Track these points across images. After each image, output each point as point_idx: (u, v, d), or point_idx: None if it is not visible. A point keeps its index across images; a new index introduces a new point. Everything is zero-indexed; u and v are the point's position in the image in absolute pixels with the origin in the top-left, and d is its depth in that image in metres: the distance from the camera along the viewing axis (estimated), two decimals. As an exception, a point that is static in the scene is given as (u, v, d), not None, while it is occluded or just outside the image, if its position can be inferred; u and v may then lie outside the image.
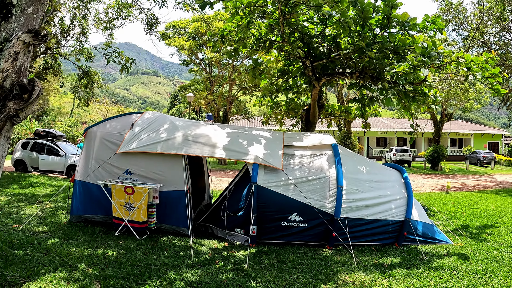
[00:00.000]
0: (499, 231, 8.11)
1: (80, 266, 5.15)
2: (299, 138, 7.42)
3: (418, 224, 6.97)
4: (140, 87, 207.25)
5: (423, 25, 7.83)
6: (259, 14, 7.50)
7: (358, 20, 7.19)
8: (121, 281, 4.66)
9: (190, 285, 4.55)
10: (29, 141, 16.72)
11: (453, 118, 34.30)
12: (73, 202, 7.70)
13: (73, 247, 5.98)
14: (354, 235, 6.49)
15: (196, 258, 5.59)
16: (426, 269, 5.46)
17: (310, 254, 6.00)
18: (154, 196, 6.91)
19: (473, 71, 6.97)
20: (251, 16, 6.85)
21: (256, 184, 6.39)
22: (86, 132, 7.89)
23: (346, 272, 5.22)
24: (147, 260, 5.45)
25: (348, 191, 6.62)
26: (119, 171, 7.35)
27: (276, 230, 6.49)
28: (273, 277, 4.88)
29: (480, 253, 6.39)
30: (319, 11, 7.00)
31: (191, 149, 6.91)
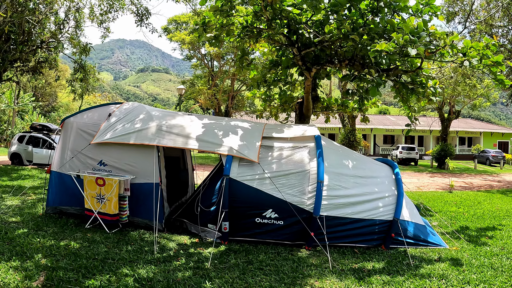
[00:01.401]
0: (501, 234, 7.45)
1: (36, 256, 4.97)
2: (280, 129, 7.00)
3: (409, 225, 6.39)
4: (150, 84, 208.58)
5: (416, 7, 7.35)
6: None
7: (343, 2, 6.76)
8: (69, 273, 4.41)
9: (139, 281, 4.20)
10: (25, 134, 16.76)
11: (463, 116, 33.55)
12: (49, 193, 7.49)
13: (38, 238, 5.79)
14: (336, 235, 6.00)
15: (159, 254, 5.24)
16: (411, 276, 4.88)
17: (283, 255, 5.53)
18: (125, 188, 6.61)
19: (469, 56, 6.43)
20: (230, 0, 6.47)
21: (228, 177, 5.96)
22: (63, 122, 7.66)
23: (318, 276, 4.72)
24: (107, 254, 5.15)
25: (330, 187, 6.08)
26: (93, 162, 7.09)
27: (250, 227, 6.03)
28: (234, 278, 4.46)
29: (477, 259, 5.77)
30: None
31: (164, 140, 6.59)
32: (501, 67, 7.50)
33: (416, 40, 5.51)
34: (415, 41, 5.49)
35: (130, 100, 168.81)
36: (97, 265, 4.72)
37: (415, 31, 5.89)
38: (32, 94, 37.15)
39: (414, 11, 7.57)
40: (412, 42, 5.48)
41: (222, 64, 26.26)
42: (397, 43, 5.51)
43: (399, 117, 48.51)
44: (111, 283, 4.21)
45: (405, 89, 8.81)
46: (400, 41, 5.46)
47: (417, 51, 5.41)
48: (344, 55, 8.04)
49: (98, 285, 4.14)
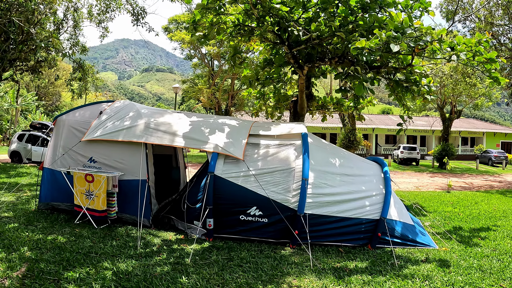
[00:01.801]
0: (495, 235, 7.34)
1: (22, 249, 5.08)
2: (268, 127, 7.02)
3: (397, 225, 6.31)
4: (155, 84, 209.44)
5: (405, 3, 7.31)
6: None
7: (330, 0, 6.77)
8: (51, 266, 4.50)
9: (117, 275, 4.26)
10: (25, 133, 17.00)
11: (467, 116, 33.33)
12: (41, 189, 7.60)
13: (27, 232, 5.90)
14: (321, 233, 5.96)
15: (142, 249, 5.29)
16: (393, 277, 4.79)
17: (266, 252, 5.51)
18: (113, 184, 6.68)
19: (457, 51, 6.37)
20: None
21: (213, 174, 5.99)
22: (56, 120, 7.77)
23: (297, 274, 4.69)
24: (91, 248, 5.22)
25: (315, 185, 6.05)
26: (84, 159, 7.18)
27: (235, 224, 6.03)
28: (211, 274, 4.47)
29: (465, 260, 5.63)
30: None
31: (152, 137, 6.65)
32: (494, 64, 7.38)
33: (400, 36, 5.41)
34: (398, 37, 5.39)
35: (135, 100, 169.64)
36: (79, 259, 4.79)
37: (400, 27, 5.84)
38: (35, 93, 37.50)
39: (403, 6, 7.50)
40: (395, 38, 5.41)
41: (222, 64, 26.34)
42: (380, 39, 5.46)
43: (402, 117, 48.28)
44: (89, 275, 4.27)
45: (400, 87, 8.76)
46: (382, 38, 5.38)
47: (400, 47, 5.35)
48: (334, 52, 8.06)
49: (76, 277, 4.20)
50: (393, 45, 5.25)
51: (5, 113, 34.87)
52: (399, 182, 18.54)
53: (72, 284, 4.03)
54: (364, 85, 6.40)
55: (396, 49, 5.20)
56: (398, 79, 8.80)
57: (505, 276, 5.05)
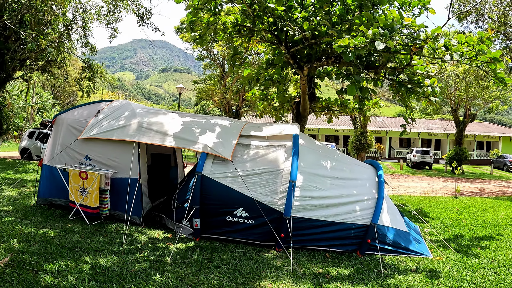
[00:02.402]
0: (497, 245, 6.95)
1: (11, 241, 5.24)
2: (259, 127, 7.00)
3: (389, 231, 6.10)
4: (172, 84, 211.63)
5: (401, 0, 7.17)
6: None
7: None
8: (34, 257, 4.63)
9: (95, 269, 4.33)
10: (35, 131, 17.48)
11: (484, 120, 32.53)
12: (40, 185, 7.82)
13: (21, 226, 6.08)
14: (308, 237, 5.84)
15: (126, 246, 5.36)
16: (374, 286, 4.61)
17: (249, 255, 5.44)
18: (106, 182, 6.80)
19: (451, 51, 6.17)
20: None
21: (201, 174, 6.00)
22: (55, 119, 7.97)
23: (274, 279, 4.59)
24: (78, 243, 5.33)
25: (304, 188, 5.93)
26: (80, 156, 7.34)
27: (221, 225, 6.00)
28: (187, 274, 4.46)
29: (459, 271, 5.33)
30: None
31: (144, 137, 6.73)
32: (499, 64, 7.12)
33: (387, 34, 5.21)
34: (385, 35, 5.21)
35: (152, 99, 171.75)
36: (63, 252, 4.90)
37: (389, 24, 5.70)
38: (51, 92, 38.46)
39: (401, 4, 7.32)
40: (382, 35, 5.28)
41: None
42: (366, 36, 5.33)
43: (416, 120, 47.57)
44: (68, 268, 4.36)
45: (404, 88, 8.57)
46: (368, 35, 5.21)
47: (385, 44, 5.19)
48: (330, 52, 7.99)
49: (55, 269, 4.29)
50: (379, 43, 5.02)
51: (22, 111, 35.85)
52: (408, 186, 18.22)
53: (49, 276, 4.11)
54: (356, 86, 6.28)
55: (381, 47, 5.00)
56: (401, 80, 8.63)
57: None
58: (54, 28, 14.95)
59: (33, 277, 4.07)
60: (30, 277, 4.04)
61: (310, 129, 41.67)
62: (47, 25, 13.77)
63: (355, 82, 6.35)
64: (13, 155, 21.65)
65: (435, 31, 5.97)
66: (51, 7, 14.13)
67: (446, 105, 27.27)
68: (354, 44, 5.03)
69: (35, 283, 3.91)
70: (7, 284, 3.84)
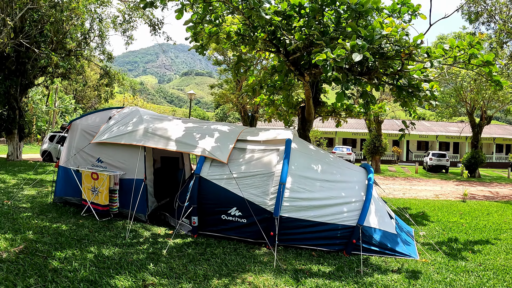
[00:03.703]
0: (490, 249, 7.01)
1: (27, 233, 5.90)
2: (256, 132, 7.46)
3: (375, 232, 6.34)
4: (194, 87, 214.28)
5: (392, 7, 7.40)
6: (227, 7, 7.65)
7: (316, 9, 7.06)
8: (45, 246, 5.25)
9: (97, 258, 4.91)
10: (56, 134, 18.56)
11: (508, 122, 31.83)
12: (56, 185, 8.53)
13: (37, 220, 6.76)
14: (297, 236, 6.21)
15: (129, 240, 5.99)
16: (350, 283, 4.84)
17: (239, 251, 5.88)
18: (114, 182, 7.41)
19: (432, 57, 6.43)
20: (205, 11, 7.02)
21: (199, 175, 6.52)
22: (70, 124, 8.68)
23: (256, 272, 4.96)
24: (86, 236, 5.94)
25: (293, 189, 6.31)
26: (92, 159, 8.00)
27: (217, 223, 6.48)
28: (178, 264, 4.94)
29: (441, 274, 5.42)
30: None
31: (149, 141, 7.32)
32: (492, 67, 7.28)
33: (365, 45, 5.46)
34: (363, 46, 5.45)
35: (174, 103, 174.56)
36: (72, 243, 5.51)
37: (369, 35, 6.03)
38: (73, 96, 40.14)
39: (390, 11, 7.54)
40: (362, 47, 5.58)
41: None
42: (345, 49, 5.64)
43: (433, 123, 46.83)
44: (74, 256, 4.95)
45: (405, 92, 8.82)
46: (346, 47, 5.49)
47: (362, 56, 5.51)
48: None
49: (63, 256, 4.89)
50: (356, 54, 5.31)
51: (45, 114, 37.52)
52: (420, 190, 18.20)
53: (57, 261, 4.72)
54: (344, 93, 6.63)
55: (358, 58, 5.27)
56: (402, 84, 8.87)
57: None
58: (73, 37, 15.95)
59: (42, 262, 4.68)
60: (40, 262, 4.66)
61: (327, 132, 41.81)
62: (66, 34, 14.74)
63: (342, 89, 6.64)
64: (35, 157, 22.88)
65: (417, 38, 6.25)
66: (69, 17, 15.06)
67: (462, 108, 27.01)
68: (333, 57, 5.38)
69: (43, 267, 4.51)
70: (19, 266, 4.45)
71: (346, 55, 5.49)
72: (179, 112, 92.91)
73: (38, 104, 36.17)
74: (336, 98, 6.80)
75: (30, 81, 17.81)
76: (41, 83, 20.17)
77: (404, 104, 9.65)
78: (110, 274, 4.45)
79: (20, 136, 18.45)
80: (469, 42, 6.79)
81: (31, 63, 14.98)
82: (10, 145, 18.36)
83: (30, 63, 15.31)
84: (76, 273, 4.40)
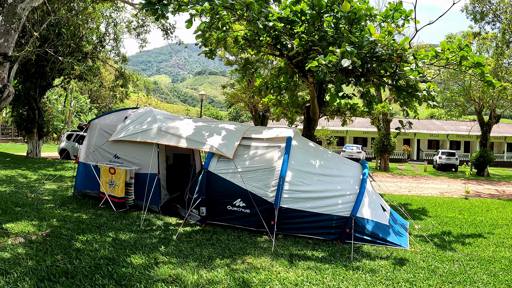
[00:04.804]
0: (481, 242, 7.30)
1: (51, 220, 6.63)
2: (260, 131, 8.04)
3: (368, 223, 6.81)
4: (207, 86, 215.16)
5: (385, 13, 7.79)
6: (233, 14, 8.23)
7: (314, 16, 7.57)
8: (69, 231, 5.97)
9: (115, 241, 5.59)
10: (73, 133, 19.50)
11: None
12: (76, 179, 9.29)
13: (59, 210, 7.52)
14: (295, 226, 6.75)
15: (143, 227, 6.64)
16: (338, 266, 5.26)
17: (242, 238, 6.45)
18: (130, 176, 8.11)
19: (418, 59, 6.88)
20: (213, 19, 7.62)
21: (207, 170, 7.17)
22: (89, 123, 9.40)
23: (255, 255, 5.50)
24: (104, 224, 6.65)
25: (292, 183, 6.84)
26: (110, 155, 8.70)
27: (223, 213, 7.09)
28: (186, 247, 5.56)
29: (426, 261, 5.74)
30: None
31: (162, 139, 7.99)
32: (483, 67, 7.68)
33: (354, 51, 5.92)
34: (352, 52, 5.92)
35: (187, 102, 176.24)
36: (92, 229, 6.22)
37: (358, 41, 6.55)
38: (88, 96, 41.41)
39: (384, 17, 7.99)
40: (350, 53, 6.01)
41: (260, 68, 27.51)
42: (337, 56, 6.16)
43: (444, 122, 46.62)
44: (94, 239, 5.65)
45: (405, 92, 9.28)
46: (337, 53, 5.99)
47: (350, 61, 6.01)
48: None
49: (84, 239, 5.59)
50: (345, 60, 5.82)
51: (60, 114, 38.79)
52: (426, 187, 18.48)
53: (80, 243, 5.42)
54: (338, 94, 7.12)
55: (347, 64, 5.76)
56: (400, 85, 9.34)
57: (453, 280, 5.05)
58: (89, 41, 16.84)
59: (67, 243, 5.38)
60: (65, 243, 5.36)
61: (338, 131, 42.13)
62: (82, 37, 15.59)
63: (336, 91, 7.13)
64: (53, 155, 23.91)
65: (403, 42, 6.76)
66: (85, 21, 15.89)
67: (472, 107, 27.10)
68: (325, 63, 5.93)
69: (68, 247, 5.20)
70: (47, 246, 5.15)
71: (337, 61, 6.00)
72: (192, 111, 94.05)
73: (54, 104, 37.48)
74: (330, 100, 7.28)
75: (48, 83, 18.78)
76: (58, 85, 21.16)
77: (404, 104, 10.10)
78: (127, 254, 5.10)
79: (39, 135, 19.43)
80: (458, 45, 7.20)
81: (50, 66, 15.91)
82: (29, 143, 19.34)
83: (48, 65, 16.28)
84: (97, 252, 5.06)
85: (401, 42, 6.81)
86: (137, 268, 4.59)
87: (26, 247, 5.06)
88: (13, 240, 5.28)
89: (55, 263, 4.56)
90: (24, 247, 5.05)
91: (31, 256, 4.71)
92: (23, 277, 4.10)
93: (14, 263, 4.45)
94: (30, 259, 4.61)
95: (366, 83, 8.78)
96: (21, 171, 13.39)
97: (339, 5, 7.29)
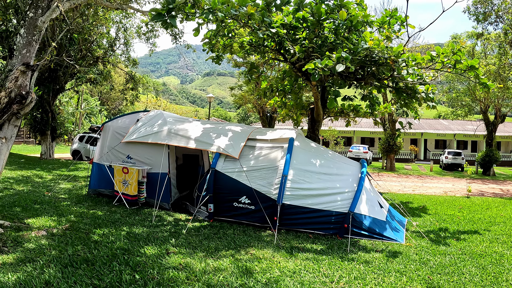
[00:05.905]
0: (475, 238, 7.53)
1: (69, 216, 7.18)
2: (264, 132, 8.48)
3: (365, 219, 7.17)
4: (216, 87, 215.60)
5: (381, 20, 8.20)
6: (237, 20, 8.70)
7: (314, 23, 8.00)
8: (86, 226, 6.50)
9: (129, 234, 6.10)
10: (85, 135, 20.21)
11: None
12: (91, 179, 9.83)
13: (75, 207, 8.05)
14: (297, 221, 7.16)
15: (155, 222, 7.13)
16: (335, 257, 5.62)
17: (247, 232, 6.89)
18: (143, 175, 8.63)
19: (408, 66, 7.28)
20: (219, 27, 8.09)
21: (214, 169, 7.64)
22: (103, 126, 9.94)
23: (259, 248, 5.92)
24: (119, 219, 7.16)
25: (294, 181, 7.26)
26: (123, 156, 9.22)
27: (229, 209, 7.55)
28: (194, 240, 6.03)
29: (419, 255, 6.01)
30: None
31: (172, 140, 8.48)
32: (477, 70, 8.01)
33: (348, 57, 6.31)
34: (347, 58, 6.32)
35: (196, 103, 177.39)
36: (107, 224, 6.74)
37: (354, 47, 6.98)
38: (98, 98, 42.33)
39: (380, 23, 8.38)
40: (345, 58, 6.39)
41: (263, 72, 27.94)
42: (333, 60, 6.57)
43: (451, 122, 46.54)
44: (110, 232, 6.16)
45: (405, 94, 9.65)
46: (333, 58, 6.39)
47: (345, 66, 6.40)
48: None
49: (101, 233, 6.11)
50: (340, 65, 6.23)
51: (71, 116, 39.67)
52: (430, 187, 18.67)
53: (97, 236, 5.94)
54: (336, 100, 7.52)
55: (341, 69, 6.17)
56: (399, 87, 9.71)
57: (443, 271, 5.30)
58: (100, 45, 17.48)
59: (85, 236, 5.91)
60: (83, 236, 5.89)
61: (345, 131, 42.38)
62: (93, 42, 16.22)
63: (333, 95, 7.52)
64: (65, 156, 24.63)
65: (397, 49, 7.17)
66: (96, 26, 16.49)
67: (477, 106, 27.22)
68: (321, 67, 6.36)
69: (87, 239, 5.73)
70: (67, 239, 5.68)
71: (333, 65, 6.43)
72: (201, 112, 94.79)
73: (65, 106, 38.41)
74: (328, 104, 7.68)
75: (61, 86, 19.49)
76: (70, 88, 21.83)
77: (404, 105, 10.46)
78: (140, 245, 5.59)
79: (53, 137, 20.14)
80: (452, 49, 7.57)
81: (63, 70, 16.56)
82: (43, 145, 20.04)
83: (61, 70, 16.95)
84: (113, 244, 5.56)
85: (395, 49, 7.18)
86: (150, 257, 5.07)
87: (49, 239, 5.59)
88: (36, 233, 5.81)
89: (76, 252, 5.07)
90: (46, 239, 5.58)
91: (54, 247, 5.22)
92: (48, 264, 4.60)
93: (39, 253, 4.97)
94: (53, 249, 5.13)
95: (366, 86, 9.15)
96: (36, 172, 14.02)
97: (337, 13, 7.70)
